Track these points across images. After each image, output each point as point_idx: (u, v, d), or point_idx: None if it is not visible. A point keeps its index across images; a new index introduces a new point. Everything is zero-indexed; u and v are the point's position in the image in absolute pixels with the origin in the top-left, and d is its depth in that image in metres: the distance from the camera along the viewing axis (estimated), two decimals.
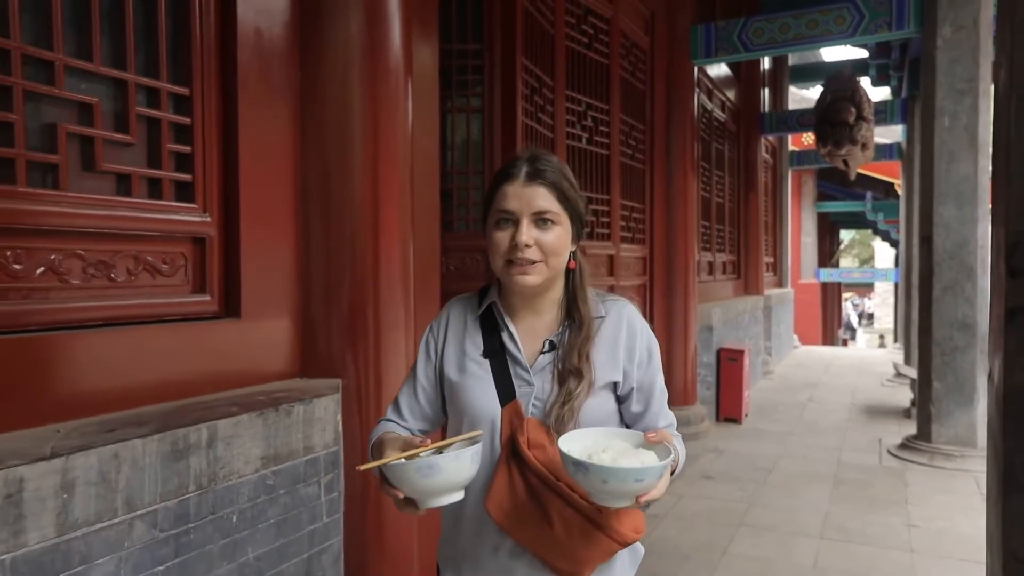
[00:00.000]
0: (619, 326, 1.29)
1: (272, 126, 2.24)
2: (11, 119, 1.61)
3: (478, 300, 1.35)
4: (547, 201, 1.21)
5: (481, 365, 1.27)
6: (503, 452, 1.22)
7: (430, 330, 1.37)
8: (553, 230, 1.22)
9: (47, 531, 1.38)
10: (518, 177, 1.22)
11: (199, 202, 2.06)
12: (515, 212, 1.21)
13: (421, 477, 1.04)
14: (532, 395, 1.24)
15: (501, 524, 1.20)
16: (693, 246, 6.37)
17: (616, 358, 1.27)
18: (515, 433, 1.21)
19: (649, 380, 1.31)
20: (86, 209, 1.76)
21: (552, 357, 1.26)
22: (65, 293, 1.73)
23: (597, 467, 1.02)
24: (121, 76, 1.85)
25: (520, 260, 1.20)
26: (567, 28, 4.47)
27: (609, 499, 1.06)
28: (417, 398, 1.33)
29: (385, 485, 1.10)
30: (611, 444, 1.13)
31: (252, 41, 2.16)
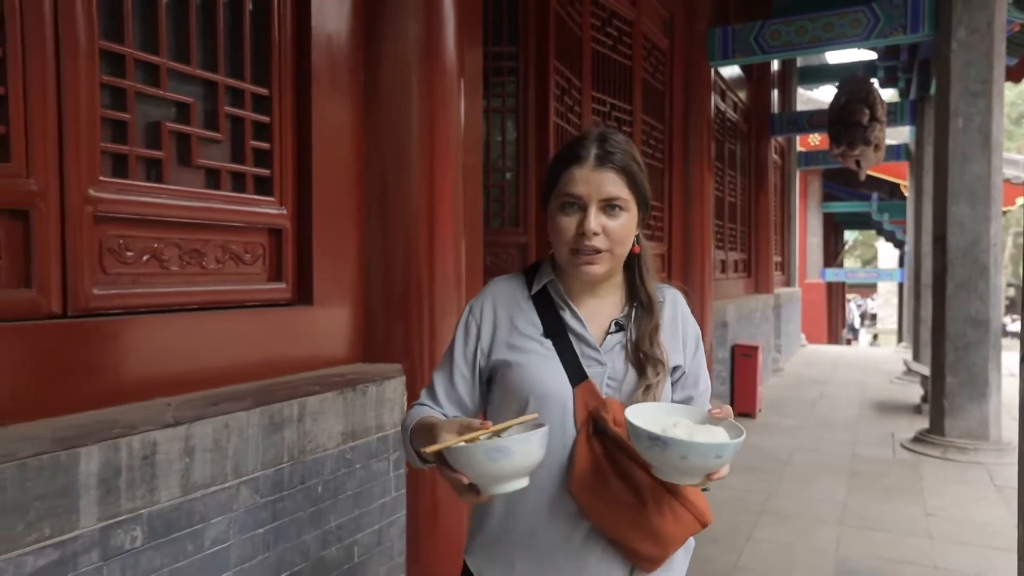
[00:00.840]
0: (675, 312, 1.28)
1: (339, 124, 2.38)
2: (125, 118, 1.75)
3: (526, 280, 1.29)
4: (616, 187, 1.15)
5: (543, 344, 1.21)
6: (581, 433, 1.16)
7: (470, 312, 1.29)
8: (621, 217, 1.16)
9: (174, 491, 1.52)
10: (587, 160, 1.15)
11: (276, 195, 2.20)
12: (583, 197, 1.14)
13: (489, 460, 0.96)
14: (605, 375, 1.19)
15: (587, 506, 1.14)
16: (709, 244, 6.51)
17: (676, 341, 1.26)
18: (597, 412, 1.16)
19: (696, 368, 1.29)
20: (183, 201, 1.90)
21: (621, 338, 1.22)
22: (165, 279, 1.86)
23: (677, 441, 0.97)
24: (213, 78, 1.99)
25: (586, 249, 1.15)
26: (593, 31, 4.61)
27: (681, 475, 1.02)
28: (454, 383, 1.26)
29: (446, 470, 1.02)
30: (677, 419, 1.09)
31: (324, 45, 2.29)
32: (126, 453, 1.43)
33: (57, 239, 1.59)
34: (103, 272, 1.70)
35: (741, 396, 6.97)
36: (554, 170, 1.20)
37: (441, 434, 1.03)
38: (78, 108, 1.63)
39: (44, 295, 1.57)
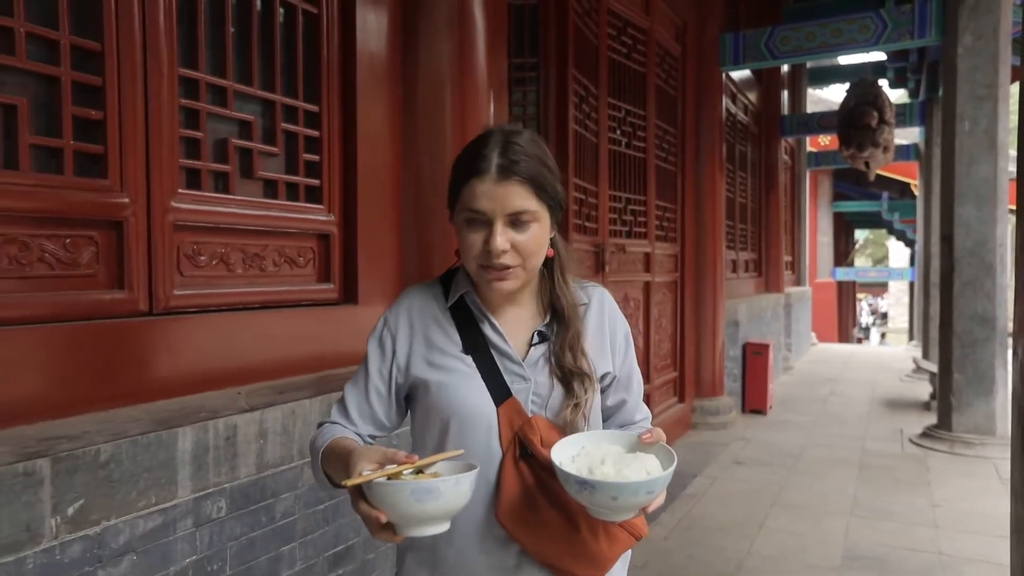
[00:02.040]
0: (601, 312, 1.21)
1: (380, 135, 2.57)
2: (198, 136, 1.95)
3: (442, 289, 1.20)
4: (523, 199, 1.05)
5: (463, 361, 1.12)
6: (507, 455, 1.09)
7: (384, 324, 1.19)
8: (530, 229, 1.07)
9: (250, 468, 1.72)
10: (488, 172, 1.04)
11: (325, 203, 2.39)
12: (487, 212, 1.05)
13: (416, 501, 0.87)
14: (530, 391, 1.12)
15: (516, 534, 1.07)
16: (721, 244, 6.67)
17: (604, 347, 1.19)
18: (523, 433, 1.09)
19: (628, 370, 1.23)
20: (246, 210, 2.09)
21: (545, 350, 1.14)
22: (231, 280, 2.06)
23: (606, 484, 0.93)
24: (271, 97, 2.19)
25: (495, 265, 1.06)
26: (609, 40, 4.78)
27: (614, 514, 0.98)
28: (368, 400, 1.16)
29: (362, 504, 0.92)
30: (604, 451, 1.03)
31: (367, 63, 2.49)
32: (213, 434, 1.63)
33: (144, 246, 1.79)
34: (181, 275, 1.90)
35: (752, 393, 7.12)
36: (455, 180, 1.10)
37: (359, 462, 0.92)
38: (161, 129, 1.82)
39: (134, 296, 1.77)
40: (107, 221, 1.71)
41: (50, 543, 1.29)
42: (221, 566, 1.64)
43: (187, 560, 1.56)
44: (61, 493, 1.31)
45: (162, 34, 1.81)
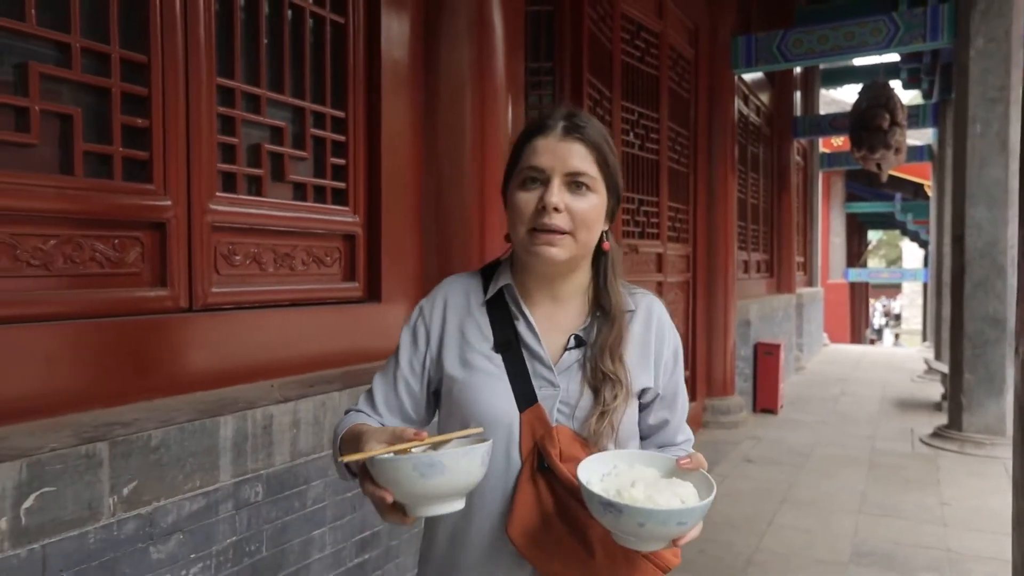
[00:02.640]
0: (649, 323, 1.13)
1: (402, 139, 2.67)
2: (234, 142, 2.05)
3: (482, 281, 1.14)
4: (585, 161, 1.02)
5: (492, 360, 1.07)
6: (526, 467, 1.02)
7: (419, 313, 1.14)
8: (588, 197, 1.03)
9: (285, 456, 1.82)
10: (553, 130, 1.03)
11: (350, 205, 2.49)
12: (546, 170, 1.01)
13: (420, 476, 0.83)
14: (557, 399, 1.05)
15: (528, 554, 1.00)
16: (732, 245, 6.73)
17: (647, 360, 1.11)
18: (542, 444, 1.02)
19: (673, 387, 1.15)
20: (277, 211, 2.20)
21: (580, 355, 1.07)
22: (263, 279, 2.17)
23: (633, 509, 0.85)
24: (300, 104, 2.29)
25: (547, 227, 1.01)
26: (623, 44, 4.86)
27: (640, 542, 0.90)
28: (397, 391, 1.11)
29: (368, 484, 0.88)
30: (637, 473, 0.95)
31: (391, 70, 2.58)
32: (251, 423, 1.73)
33: (184, 246, 1.90)
34: (217, 273, 2.01)
35: (763, 392, 7.18)
36: (516, 146, 1.07)
37: (368, 442, 0.89)
38: (200, 135, 1.93)
39: (175, 293, 1.88)
40: (151, 223, 1.82)
41: (108, 520, 1.40)
42: (258, 547, 1.74)
43: (227, 541, 1.67)
44: (117, 475, 1.42)
45: (202, 46, 1.92)
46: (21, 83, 1.56)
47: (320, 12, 2.35)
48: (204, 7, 1.92)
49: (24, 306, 1.54)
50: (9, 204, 1.51)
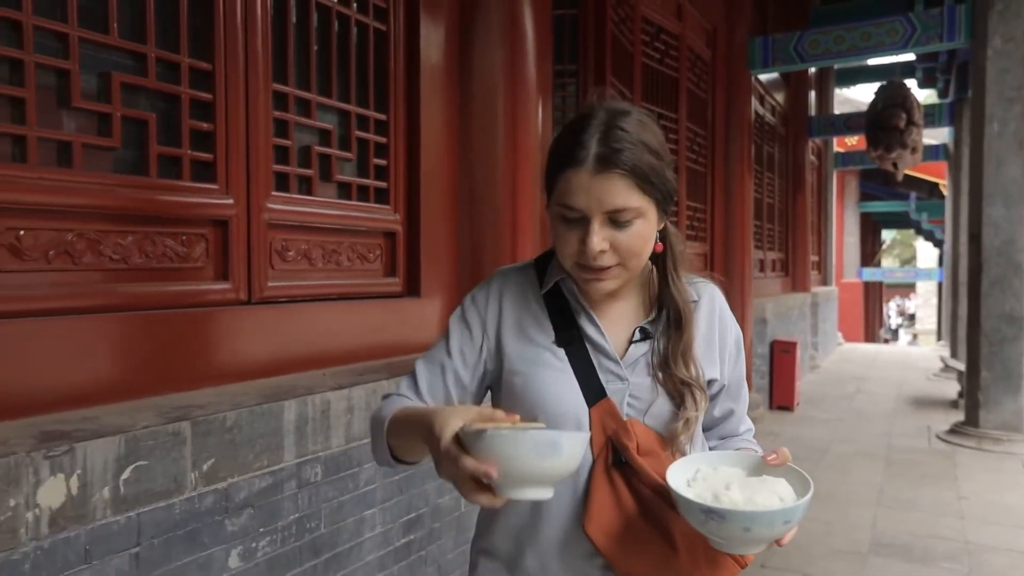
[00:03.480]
0: (712, 313, 1.10)
1: (439, 139, 2.78)
2: (287, 144, 2.17)
3: (536, 274, 1.10)
4: (625, 195, 0.94)
5: (556, 354, 1.04)
6: (599, 462, 1.00)
7: (472, 302, 1.10)
8: (633, 227, 0.96)
9: (340, 440, 1.94)
10: (585, 163, 0.94)
11: (391, 204, 2.61)
12: (583, 210, 0.95)
13: (537, 455, 0.79)
14: (627, 392, 1.02)
15: (608, 552, 0.98)
16: (749, 244, 6.80)
17: (712, 352, 1.08)
18: (617, 438, 0.99)
19: (738, 377, 1.13)
20: (325, 210, 2.32)
21: (647, 348, 1.04)
22: (313, 274, 2.29)
23: (738, 513, 0.81)
24: (346, 107, 2.41)
25: (592, 267, 0.97)
26: (643, 46, 4.96)
27: (747, 547, 0.86)
28: (445, 380, 1.06)
29: (465, 459, 0.80)
30: (725, 474, 0.92)
31: (429, 74, 2.70)
32: (311, 407, 1.85)
33: (244, 243, 2.02)
34: (272, 268, 2.13)
35: (780, 390, 7.25)
36: (550, 168, 1.00)
37: (450, 420, 0.83)
38: (258, 138, 2.05)
39: (236, 286, 2.00)
40: (215, 220, 1.94)
41: (190, 493, 1.52)
42: (317, 524, 1.86)
43: (291, 517, 1.78)
44: (198, 452, 1.54)
45: (260, 53, 2.04)
46: (104, 91, 1.68)
47: (364, 20, 2.47)
48: (262, 17, 2.04)
49: (107, 297, 1.67)
50: (96, 203, 1.64)
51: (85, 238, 1.63)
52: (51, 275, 1.58)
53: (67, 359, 1.56)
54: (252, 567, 1.67)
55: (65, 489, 1.29)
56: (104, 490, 1.35)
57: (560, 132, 1.00)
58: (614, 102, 1.00)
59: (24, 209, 1.51)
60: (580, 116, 0.99)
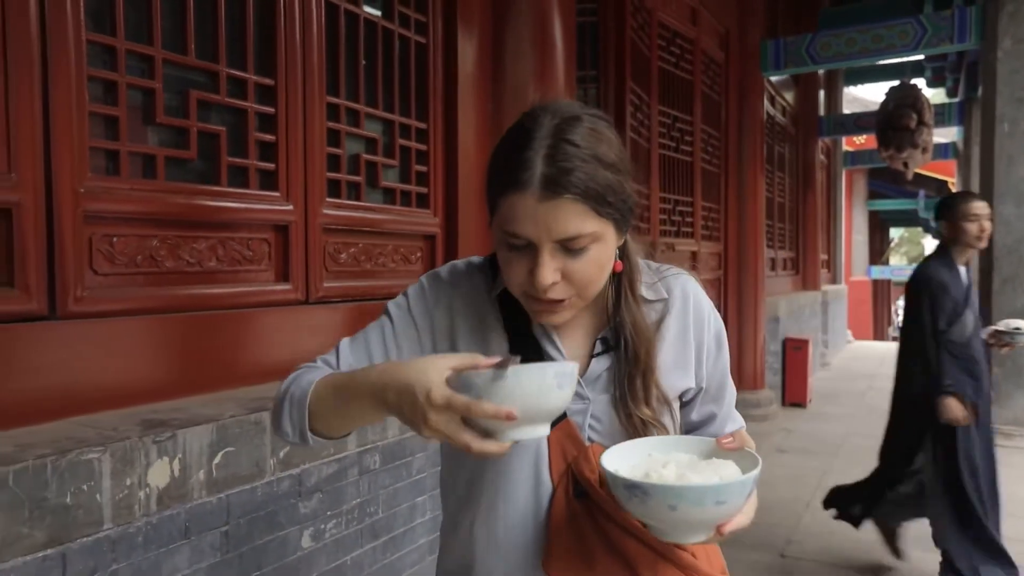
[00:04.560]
0: (685, 312, 0.97)
1: (474, 145, 2.90)
2: (338, 153, 2.31)
3: (491, 270, 0.98)
4: (577, 222, 0.81)
5: None
6: (559, 492, 0.90)
7: (421, 296, 0.97)
8: (588, 253, 0.84)
9: (395, 430, 2.07)
10: (530, 186, 0.80)
11: (431, 208, 2.74)
12: (530, 239, 0.82)
13: (556, 387, 0.75)
14: (588, 413, 0.92)
15: None
16: (762, 243, 6.92)
17: (686, 358, 0.97)
18: (578, 467, 0.89)
19: (719, 377, 1.01)
20: (372, 215, 2.45)
21: (609, 362, 0.93)
22: (360, 275, 2.42)
23: (660, 488, 0.74)
24: (391, 117, 2.54)
25: (542, 299, 0.85)
26: (659, 51, 5.08)
27: (679, 532, 0.78)
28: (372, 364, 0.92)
29: (481, 404, 0.71)
30: (670, 456, 0.84)
31: (465, 84, 2.83)
32: None
33: (302, 246, 2.15)
34: (326, 270, 2.26)
35: (792, 387, 7.36)
36: (491, 187, 0.87)
37: (428, 370, 0.74)
38: (314, 147, 2.19)
39: (295, 287, 2.13)
40: (277, 225, 2.08)
41: (270, 478, 1.65)
42: (376, 509, 2.00)
43: (354, 502, 1.92)
44: (276, 440, 1.67)
45: (315, 68, 2.17)
46: (182, 108, 1.82)
47: (406, 34, 2.60)
48: (317, 34, 2.17)
49: (185, 298, 1.80)
50: (176, 211, 1.77)
51: (167, 243, 1.77)
52: (138, 277, 1.71)
53: (154, 354, 1.70)
54: (321, 547, 1.80)
55: (169, 471, 1.42)
56: (200, 472, 1.49)
57: (500, 144, 0.87)
58: (560, 104, 0.86)
59: (117, 218, 1.65)
60: (521, 126, 0.85)
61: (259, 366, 1.96)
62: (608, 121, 0.88)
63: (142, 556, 1.38)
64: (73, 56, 1.53)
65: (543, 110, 0.85)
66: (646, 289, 0.96)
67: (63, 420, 1.47)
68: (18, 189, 1.45)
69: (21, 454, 1.23)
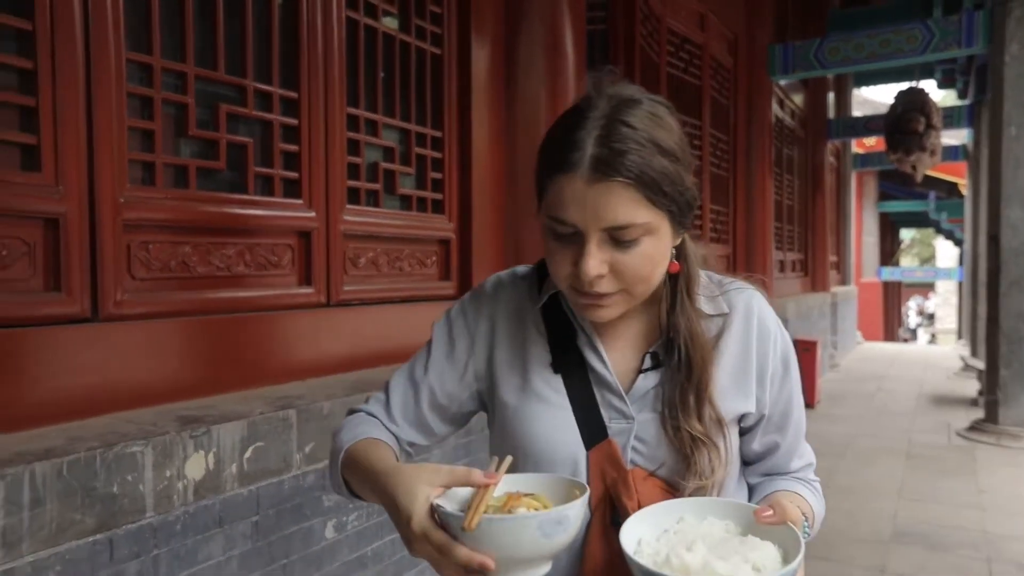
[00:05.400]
0: (748, 330, 0.90)
1: (488, 152, 2.99)
2: (358, 161, 2.40)
3: (537, 280, 0.94)
4: (628, 210, 0.76)
5: (550, 383, 0.88)
6: (595, 519, 0.84)
7: (462, 313, 0.95)
8: (639, 246, 0.78)
9: None
10: (580, 168, 0.75)
11: (446, 213, 2.83)
12: (576, 225, 0.77)
13: (542, 537, 0.69)
14: (632, 434, 0.86)
15: None
16: (770, 245, 6.98)
17: (747, 379, 0.89)
18: (616, 493, 0.84)
19: (784, 404, 0.92)
20: (389, 220, 2.54)
21: (658, 379, 0.87)
22: (379, 279, 2.51)
23: None
24: (407, 127, 2.64)
25: (589, 293, 0.80)
26: (668, 56, 5.16)
27: None
28: (419, 402, 0.93)
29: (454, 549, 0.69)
30: (705, 529, 0.76)
31: (479, 93, 2.91)
32: None
33: (324, 252, 2.25)
34: (346, 274, 2.36)
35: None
36: (540, 170, 0.82)
37: (416, 490, 0.72)
38: (335, 156, 2.29)
39: (317, 291, 2.23)
40: (300, 232, 2.18)
41: (296, 472, 1.75)
42: None
43: None
44: (302, 436, 1.77)
45: (336, 81, 2.27)
46: (212, 120, 1.92)
47: (422, 46, 2.70)
48: (338, 48, 2.27)
49: (215, 301, 1.90)
50: (206, 219, 1.87)
51: (198, 250, 1.87)
52: (172, 282, 1.81)
53: (186, 354, 1.80)
54: (343, 538, 1.89)
55: (205, 464, 1.52)
56: (232, 466, 1.58)
57: (552, 126, 0.82)
58: (619, 87, 0.81)
59: (153, 226, 1.75)
60: (575, 108, 0.80)
61: (284, 366, 2.06)
62: (669, 107, 0.83)
63: (180, 543, 1.47)
64: (114, 75, 1.64)
65: (600, 92, 0.80)
66: (706, 302, 0.89)
67: (106, 416, 1.57)
68: (64, 200, 1.55)
69: (73, 446, 1.33)
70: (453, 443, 2.28)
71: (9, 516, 1.19)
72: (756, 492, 0.96)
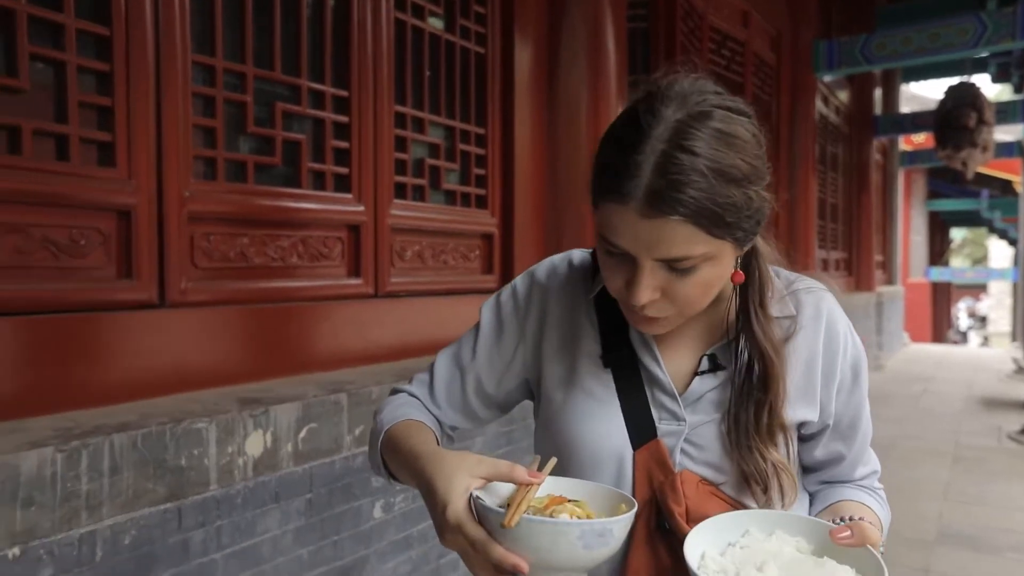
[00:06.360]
0: (816, 333, 0.85)
1: (530, 149, 3.05)
2: (404, 158, 2.48)
3: (592, 270, 0.90)
4: (685, 244, 0.71)
5: (599, 379, 0.85)
6: (640, 523, 0.80)
7: (513, 296, 0.93)
8: (697, 273, 0.74)
9: None
10: (633, 199, 0.69)
11: (489, 209, 2.90)
12: (628, 252, 0.73)
13: (582, 547, 0.66)
14: (682, 436, 0.82)
15: None
16: (813, 243, 6.88)
17: (812, 387, 0.84)
18: (663, 496, 0.80)
19: (852, 412, 0.88)
20: (435, 215, 2.62)
21: (715, 383, 0.83)
22: (425, 272, 2.59)
23: None
24: (452, 124, 2.71)
25: (640, 312, 0.77)
26: (710, 54, 5.14)
27: None
28: (464, 387, 0.92)
29: (490, 547, 0.66)
30: (774, 546, 0.71)
31: (521, 89, 2.97)
32: None
33: (372, 244, 2.34)
34: (393, 267, 2.44)
35: None
36: (594, 183, 0.75)
37: (455, 479, 0.69)
38: (383, 152, 2.37)
39: (366, 282, 2.32)
40: (350, 225, 2.26)
41: (346, 453, 1.83)
42: None
43: None
44: (352, 419, 1.85)
45: (385, 79, 2.35)
46: (269, 118, 2.02)
47: (467, 45, 2.77)
48: (387, 48, 2.35)
49: (270, 292, 2.00)
50: (263, 212, 1.97)
51: (255, 241, 1.97)
52: (231, 271, 1.91)
53: (244, 340, 1.90)
54: (391, 518, 1.97)
55: (263, 442, 1.61)
56: (288, 445, 1.67)
57: (610, 130, 0.76)
58: (689, 90, 0.74)
59: (214, 218, 1.86)
60: (635, 118, 0.72)
61: (334, 353, 2.15)
62: (748, 115, 0.77)
63: (240, 516, 1.56)
64: (180, 76, 1.74)
65: (666, 98, 0.72)
66: (772, 304, 0.84)
67: (172, 396, 1.68)
68: (136, 193, 1.66)
69: (145, 421, 1.43)
70: (495, 430, 2.34)
71: (92, 482, 1.29)
72: (817, 500, 0.92)
